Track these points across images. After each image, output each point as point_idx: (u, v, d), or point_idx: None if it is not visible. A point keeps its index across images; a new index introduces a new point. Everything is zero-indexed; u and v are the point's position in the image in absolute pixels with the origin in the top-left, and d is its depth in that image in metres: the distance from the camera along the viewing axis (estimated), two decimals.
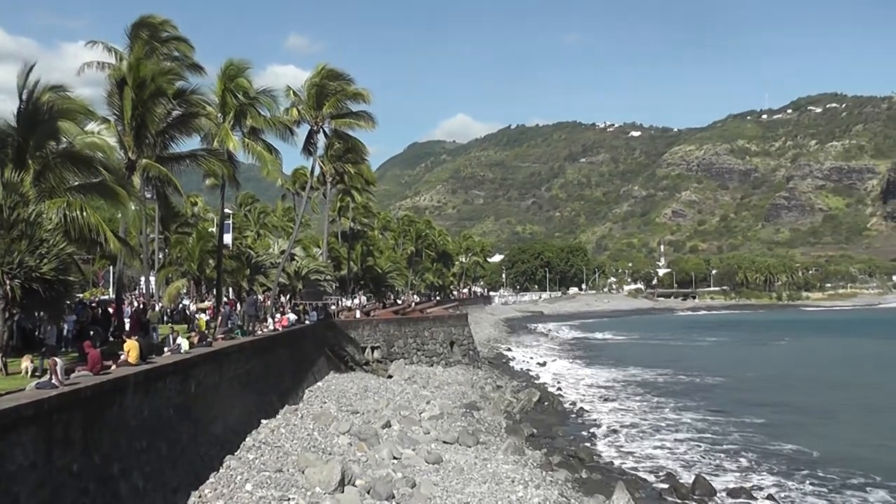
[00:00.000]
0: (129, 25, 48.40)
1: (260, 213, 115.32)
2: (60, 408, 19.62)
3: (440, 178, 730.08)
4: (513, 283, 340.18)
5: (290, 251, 72.02)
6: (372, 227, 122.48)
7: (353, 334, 71.85)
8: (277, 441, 35.27)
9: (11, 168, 30.00)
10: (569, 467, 39.90)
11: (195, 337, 36.34)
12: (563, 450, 45.22)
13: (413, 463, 35.05)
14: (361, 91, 68.00)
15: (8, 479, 16.71)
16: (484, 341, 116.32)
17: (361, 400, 50.65)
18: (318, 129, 67.64)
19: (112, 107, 41.51)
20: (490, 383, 69.65)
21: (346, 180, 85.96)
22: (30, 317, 28.76)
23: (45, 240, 25.77)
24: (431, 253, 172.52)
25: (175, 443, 27.43)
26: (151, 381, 26.84)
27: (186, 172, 46.96)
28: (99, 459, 21.14)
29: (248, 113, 54.18)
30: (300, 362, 54.74)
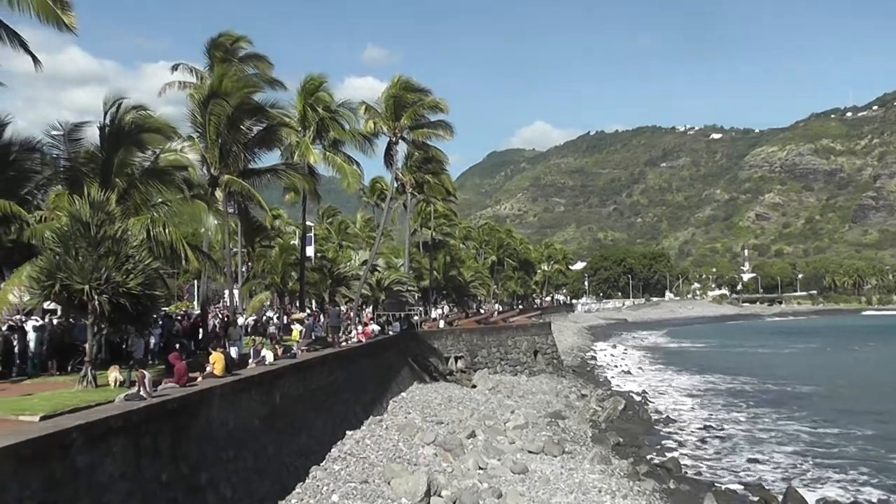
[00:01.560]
0: (208, 44, 49.20)
1: (341, 224, 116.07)
2: (149, 419, 20.00)
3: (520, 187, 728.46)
4: (595, 290, 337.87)
5: (372, 262, 72.34)
6: (453, 236, 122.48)
7: (437, 344, 71.86)
8: (363, 452, 35.38)
9: (97, 186, 30.59)
10: (656, 477, 39.34)
11: (280, 349, 36.66)
12: (650, 459, 44.73)
13: (499, 473, 34.85)
14: (439, 101, 68.15)
15: (99, 488, 17.06)
16: (567, 349, 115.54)
17: (446, 410, 50.57)
18: (397, 140, 67.93)
19: (194, 124, 42.20)
20: (574, 392, 69.14)
21: (426, 190, 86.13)
22: (117, 331, 29.23)
23: (131, 256, 26.22)
24: (513, 262, 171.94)
25: (261, 453, 27.72)
26: (237, 393, 27.22)
27: (268, 186, 47.48)
28: (187, 469, 21.48)
29: (329, 126, 54.67)
30: (384, 373, 54.89)
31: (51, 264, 26.01)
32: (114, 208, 29.24)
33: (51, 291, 26.07)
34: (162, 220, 32.67)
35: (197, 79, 49.23)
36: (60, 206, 32.76)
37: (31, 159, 36.62)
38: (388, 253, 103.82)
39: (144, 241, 29.16)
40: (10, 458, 14.06)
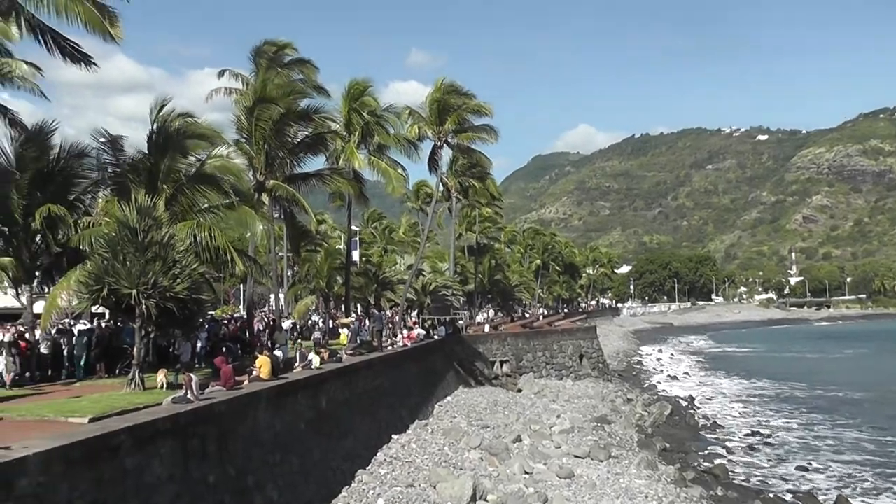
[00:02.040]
0: (253, 51, 49.58)
1: (386, 229, 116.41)
2: (196, 422, 20.17)
3: (565, 190, 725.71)
4: (641, 294, 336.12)
5: (417, 266, 72.45)
6: (498, 240, 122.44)
7: (482, 348, 71.76)
8: (408, 456, 35.40)
9: (144, 192, 30.89)
10: (703, 484, 38.78)
11: (325, 353, 36.78)
12: (697, 465, 44.31)
13: (545, 478, 34.68)
14: (483, 105, 68.08)
15: (147, 489, 17.22)
16: (613, 354, 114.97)
17: (491, 414, 50.40)
18: (442, 145, 67.97)
19: (240, 129, 42.52)
20: (620, 396, 68.62)
21: (471, 195, 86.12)
22: (164, 334, 29.52)
23: (178, 261, 26.47)
24: (558, 265, 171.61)
25: (307, 457, 27.83)
26: (283, 397, 27.36)
27: (313, 191, 47.68)
28: (234, 472, 21.62)
29: (374, 130, 54.86)
30: (429, 377, 54.88)
31: (99, 269, 26.31)
32: (161, 214, 29.57)
33: (99, 296, 26.39)
34: (208, 225, 32.93)
35: (243, 85, 49.66)
36: (108, 211, 33.12)
37: (78, 165, 37.08)
38: (434, 257, 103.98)
39: (191, 246, 29.40)
40: (61, 460, 14.24)
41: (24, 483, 13.15)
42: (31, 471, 13.33)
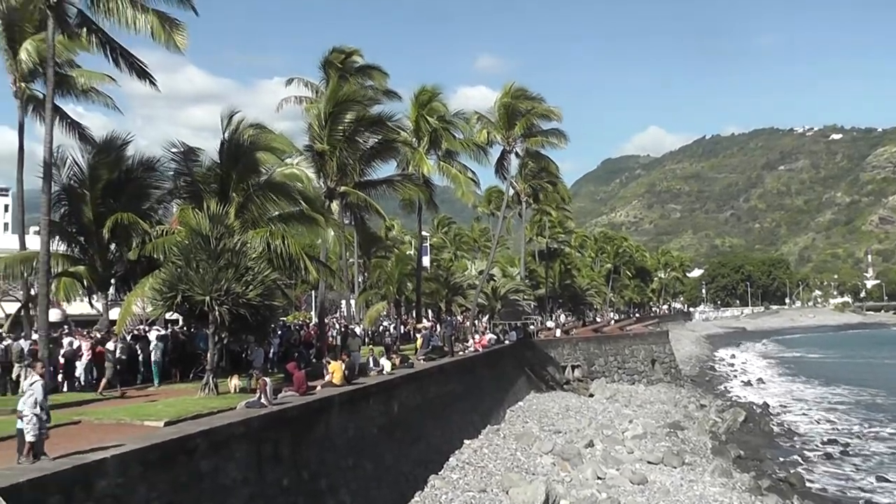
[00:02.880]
0: (322, 59, 50.03)
1: (456, 234, 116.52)
2: (269, 426, 20.39)
3: (635, 193, 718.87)
4: (713, 298, 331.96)
5: (488, 271, 72.43)
6: (569, 244, 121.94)
7: (553, 353, 71.56)
8: (480, 461, 35.29)
9: (217, 201, 31.32)
10: (779, 493, 37.95)
11: (397, 358, 36.91)
12: (772, 474, 43.39)
13: (617, 483, 34.44)
14: (552, 109, 67.99)
15: (222, 492, 17.45)
16: (685, 359, 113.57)
17: (563, 419, 50.18)
18: (511, 149, 67.97)
19: (311, 137, 42.91)
20: (693, 402, 67.79)
21: (540, 199, 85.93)
22: (237, 340, 29.87)
23: (251, 268, 26.79)
24: (629, 269, 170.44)
25: (380, 461, 27.95)
26: (356, 402, 27.55)
27: (383, 197, 47.93)
28: (307, 476, 21.80)
29: (443, 136, 55.01)
30: (501, 382, 54.85)
31: (173, 276, 26.75)
32: (233, 222, 30.00)
33: (173, 302, 26.85)
34: (280, 232, 33.32)
35: (312, 93, 50.14)
36: (181, 220, 33.62)
37: (151, 175, 37.79)
38: (504, 262, 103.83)
39: (263, 253, 29.69)
40: (138, 462, 14.48)
41: (103, 484, 13.41)
42: (109, 472, 13.58)
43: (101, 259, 36.45)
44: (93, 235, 36.25)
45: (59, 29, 31.38)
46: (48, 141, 30.87)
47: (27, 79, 39.08)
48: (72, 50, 39.82)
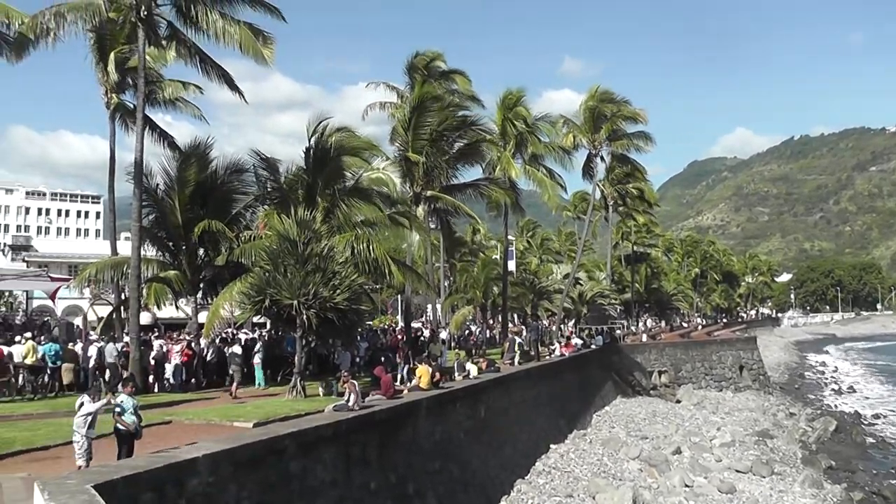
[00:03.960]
0: (406, 64, 50.29)
1: (542, 239, 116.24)
2: (357, 429, 20.47)
3: (722, 196, 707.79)
4: (802, 303, 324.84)
5: (573, 275, 72.10)
6: (655, 248, 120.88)
7: (640, 358, 70.92)
8: (567, 466, 35.10)
9: (304, 206, 31.61)
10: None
11: (483, 362, 36.85)
12: (864, 486, 41.84)
13: (705, 492, 33.88)
14: (638, 111, 67.53)
15: (311, 493, 17.56)
16: (774, 365, 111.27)
17: (650, 425, 49.68)
18: (597, 153, 67.63)
19: (396, 142, 43.15)
20: (782, 410, 66.30)
21: (627, 203, 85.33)
22: (325, 344, 30.10)
23: (338, 272, 27.00)
24: (716, 274, 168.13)
25: (467, 465, 27.92)
26: (442, 406, 27.55)
27: (469, 201, 47.99)
28: (395, 479, 21.85)
29: (529, 140, 54.93)
30: (587, 387, 54.52)
31: (261, 280, 27.09)
32: (320, 226, 30.21)
33: (261, 306, 27.15)
34: (366, 236, 33.49)
35: (397, 97, 50.41)
36: (269, 225, 34.00)
37: (238, 182, 38.36)
38: (590, 266, 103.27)
39: (350, 258, 29.88)
40: (229, 462, 14.63)
41: (194, 483, 13.58)
42: (200, 471, 13.74)
43: (190, 264, 37.14)
44: (181, 240, 36.98)
45: (149, 41, 32.06)
46: (138, 149, 31.55)
47: (117, 90, 40.01)
48: (161, 61, 40.67)
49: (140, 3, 31.12)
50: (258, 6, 32.86)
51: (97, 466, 14.03)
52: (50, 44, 32.10)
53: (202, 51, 33.79)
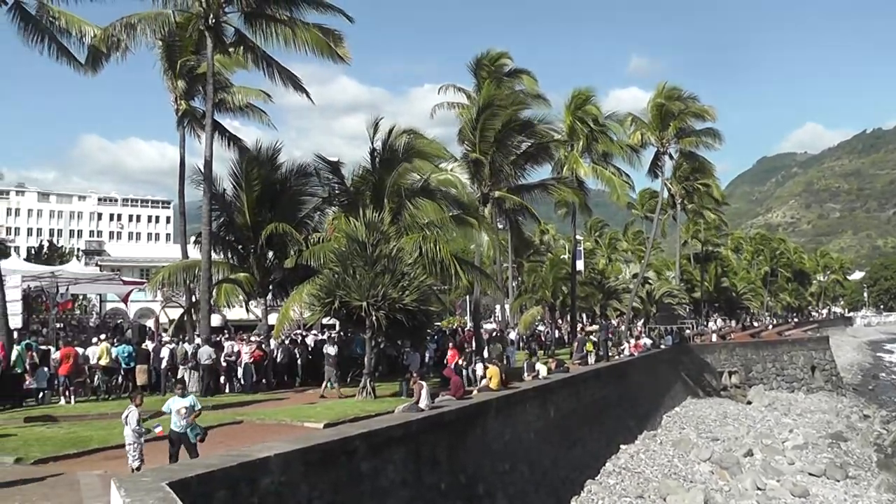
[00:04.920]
0: (472, 64, 50.24)
1: (610, 238, 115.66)
2: (427, 429, 20.46)
3: (792, 193, 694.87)
4: (875, 302, 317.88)
5: (642, 275, 71.60)
6: (724, 247, 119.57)
7: (709, 358, 70.23)
8: (637, 467, 34.87)
9: (372, 208, 31.73)
10: None
11: (553, 363, 36.73)
12: None
13: (778, 495, 33.26)
14: (706, 108, 66.90)
15: (382, 493, 17.61)
16: (847, 366, 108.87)
17: (721, 426, 49.15)
18: (665, 151, 67.10)
19: (464, 143, 43.16)
20: (856, 412, 64.88)
21: (695, 201, 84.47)
22: (394, 345, 30.17)
23: (406, 273, 27.06)
24: (787, 272, 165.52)
25: (536, 466, 27.83)
26: (512, 406, 27.46)
27: (536, 201, 47.88)
28: (465, 479, 21.82)
29: (598, 138, 54.66)
30: (656, 387, 54.13)
31: (330, 282, 27.25)
32: (388, 228, 30.28)
33: (330, 308, 27.31)
34: (434, 237, 33.50)
35: (464, 98, 50.41)
36: (337, 227, 34.19)
37: (306, 184, 38.65)
38: (659, 265, 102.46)
39: (418, 259, 29.91)
40: (301, 462, 14.72)
41: (267, 482, 13.68)
42: (273, 471, 13.85)
43: (259, 266, 37.48)
44: (250, 243, 37.34)
45: (216, 48, 32.46)
46: (208, 155, 31.98)
47: (186, 97, 40.59)
48: (229, 67, 41.15)
49: (208, 11, 31.57)
50: (324, 9, 33.10)
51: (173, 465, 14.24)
52: (121, 55, 32.65)
53: (269, 55, 34.14)
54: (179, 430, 15.86)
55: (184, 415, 15.97)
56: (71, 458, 17.86)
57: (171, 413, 16.00)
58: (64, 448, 18.69)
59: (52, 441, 19.68)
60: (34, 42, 31.19)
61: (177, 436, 15.81)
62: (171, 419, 16.00)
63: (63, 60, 32.05)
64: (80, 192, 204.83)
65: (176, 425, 15.85)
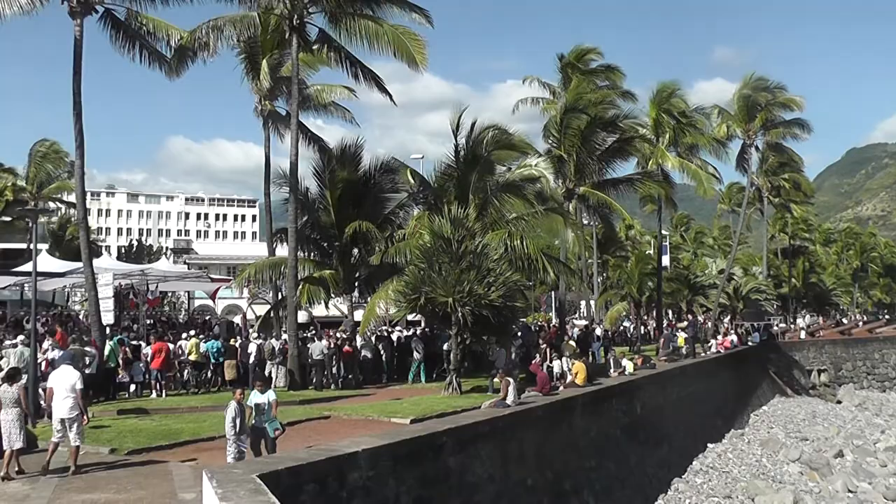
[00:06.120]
0: (558, 59, 50.05)
1: (696, 233, 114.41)
2: (514, 425, 20.41)
3: (882, 185, 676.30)
4: None
5: (728, 270, 70.69)
6: (812, 241, 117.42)
7: (798, 356, 69.02)
8: (725, 466, 34.47)
9: (456, 204, 31.76)
10: None
11: (639, 359, 36.45)
12: None
13: (870, 497, 32.15)
14: (794, 98, 65.75)
15: (469, 488, 17.60)
16: None
17: (810, 426, 48.14)
18: (752, 143, 66.15)
19: (549, 138, 43.04)
20: None
21: (782, 194, 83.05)
22: (479, 341, 30.11)
23: (492, 269, 27.00)
24: (878, 267, 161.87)
25: (623, 463, 27.65)
26: (598, 402, 27.32)
27: (620, 196, 47.56)
28: (551, 475, 21.74)
29: (685, 132, 54.12)
30: (743, 385, 53.43)
31: (416, 278, 27.32)
32: (473, 224, 30.28)
33: (416, 304, 27.36)
34: (520, 233, 33.46)
35: (549, 93, 50.27)
36: (422, 224, 34.30)
37: (390, 182, 38.91)
38: (745, 260, 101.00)
39: (504, 255, 29.84)
40: (388, 457, 14.78)
41: (355, 476, 13.75)
42: (361, 465, 13.92)
43: (343, 263, 37.82)
44: (335, 241, 37.70)
45: (300, 48, 32.77)
46: (293, 154, 32.33)
47: (270, 97, 41.10)
48: (312, 66, 41.53)
49: (293, 12, 31.85)
50: (407, 8, 33.19)
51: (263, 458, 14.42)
52: (207, 57, 33.11)
53: (352, 55, 34.34)
54: (259, 425, 16.04)
55: (264, 410, 16.17)
56: (163, 450, 18.22)
57: (252, 408, 16.17)
58: (156, 440, 19.09)
59: (145, 433, 20.11)
60: (125, 49, 31.79)
61: (257, 430, 15.98)
62: (253, 414, 16.18)
63: (154, 65, 32.59)
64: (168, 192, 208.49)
65: (257, 420, 16.02)
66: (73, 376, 16.25)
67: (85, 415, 16.39)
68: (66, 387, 15.94)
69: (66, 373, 16.42)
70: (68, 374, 16.36)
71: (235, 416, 15.29)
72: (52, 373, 17.42)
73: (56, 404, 15.94)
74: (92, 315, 29.22)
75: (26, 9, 28.27)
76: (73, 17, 28.89)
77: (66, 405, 15.81)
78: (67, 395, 15.87)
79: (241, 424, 15.42)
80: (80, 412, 16.05)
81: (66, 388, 15.92)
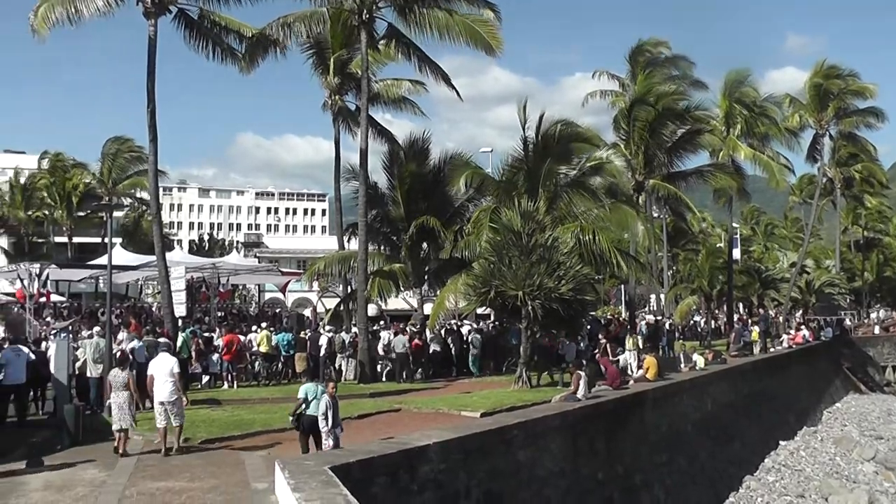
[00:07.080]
0: (628, 51, 49.78)
1: (767, 225, 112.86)
2: (584, 419, 20.38)
3: None
4: None
5: (800, 264, 69.64)
6: (887, 233, 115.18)
7: (872, 352, 67.67)
8: (797, 464, 33.93)
9: (526, 197, 31.69)
10: None
11: (710, 354, 36.09)
12: None
13: None
14: (867, 85, 64.40)
15: (539, 482, 17.62)
16: None
17: (885, 424, 46.97)
18: (824, 133, 65.04)
19: (618, 131, 42.81)
20: None
21: (856, 185, 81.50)
22: (549, 334, 30.04)
23: (562, 262, 26.87)
24: None
25: (694, 458, 27.47)
26: (669, 397, 27.16)
27: (691, 188, 47.14)
28: (622, 470, 21.68)
29: (757, 122, 53.42)
30: (816, 381, 52.65)
31: (486, 272, 27.31)
32: (543, 217, 30.20)
33: (486, 297, 27.37)
34: (590, 226, 33.30)
35: (618, 86, 49.98)
36: (492, 217, 34.27)
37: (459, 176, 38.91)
38: (818, 253, 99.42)
39: (574, 248, 29.71)
40: (459, 450, 14.83)
41: (426, 469, 13.84)
42: (432, 458, 13.99)
43: (412, 257, 37.97)
44: (404, 234, 37.86)
45: (370, 43, 32.93)
46: (363, 148, 32.52)
47: (339, 92, 41.33)
48: (379, 60, 41.69)
49: (363, 7, 31.99)
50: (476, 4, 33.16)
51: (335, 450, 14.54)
52: (278, 54, 33.45)
53: (420, 49, 34.41)
54: (314, 416, 16.10)
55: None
56: (235, 440, 18.55)
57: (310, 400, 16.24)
58: (228, 430, 19.47)
59: (218, 423, 20.55)
60: (199, 47, 32.20)
61: (311, 421, 16.02)
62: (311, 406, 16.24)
63: (227, 61, 32.95)
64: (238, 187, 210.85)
65: (314, 411, 16.07)
66: (170, 362, 17.31)
67: (185, 397, 17.62)
68: (165, 371, 17.00)
69: (164, 359, 17.43)
70: (167, 360, 17.40)
71: (327, 409, 15.37)
72: (152, 361, 18.19)
73: (157, 388, 16.92)
74: (165, 307, 29.74)
75: (103, 10, 28.77)
76: (148, 17, 29.36)
77: (166, 389, 16.88)
78: (167, 379, 16.92)
79: (333, 417, 15.50)
80: (180, 395, 17.17)
81: (166, 373, 16.97)
